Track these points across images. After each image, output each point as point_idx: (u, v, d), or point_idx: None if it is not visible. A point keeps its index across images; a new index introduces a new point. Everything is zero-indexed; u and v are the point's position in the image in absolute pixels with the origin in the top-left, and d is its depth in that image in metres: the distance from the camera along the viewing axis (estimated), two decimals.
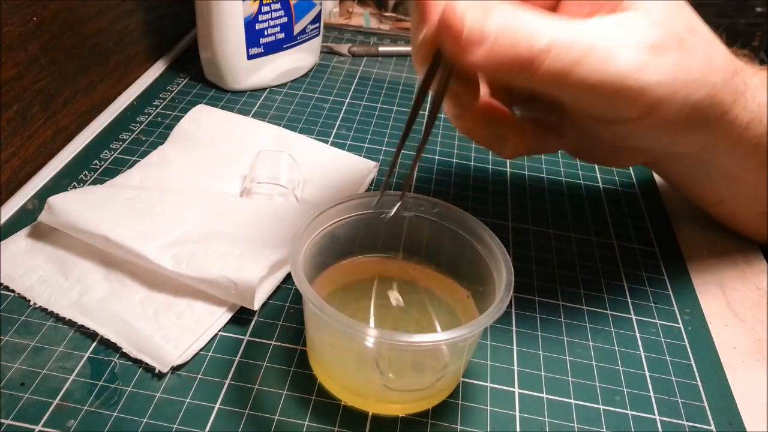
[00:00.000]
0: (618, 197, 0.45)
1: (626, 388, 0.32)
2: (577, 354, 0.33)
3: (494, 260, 0.28)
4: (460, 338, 0.25)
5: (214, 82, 0.54)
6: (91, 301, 0.32)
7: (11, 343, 0.31)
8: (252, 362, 0.31)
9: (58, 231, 0.35)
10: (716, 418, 0.31)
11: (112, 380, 0.30)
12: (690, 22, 0.28)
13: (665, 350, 0.34)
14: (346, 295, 0.32)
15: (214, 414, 0.29)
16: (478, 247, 0.30)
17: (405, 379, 0.28)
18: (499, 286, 0.27)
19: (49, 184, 0.42)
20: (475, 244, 0.30)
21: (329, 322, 0.25)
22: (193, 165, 0.42)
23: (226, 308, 0.33)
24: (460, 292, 0.32)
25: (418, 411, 0.29)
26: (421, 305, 0.32)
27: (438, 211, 0.31)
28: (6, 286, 0.33)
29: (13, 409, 0.28)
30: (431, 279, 0.33)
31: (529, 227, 0.42)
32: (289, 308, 0.34)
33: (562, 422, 0.30)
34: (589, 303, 0.36)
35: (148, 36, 0.56)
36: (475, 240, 0.30)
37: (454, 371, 0.29)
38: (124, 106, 0.50)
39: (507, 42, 0.22)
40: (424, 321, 0.31)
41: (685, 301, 0.37)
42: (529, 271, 0.38)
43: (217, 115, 0.47)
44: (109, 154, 0.45)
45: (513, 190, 0.45)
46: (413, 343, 0.25)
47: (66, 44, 0.45)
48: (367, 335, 0.25)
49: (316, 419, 0.29)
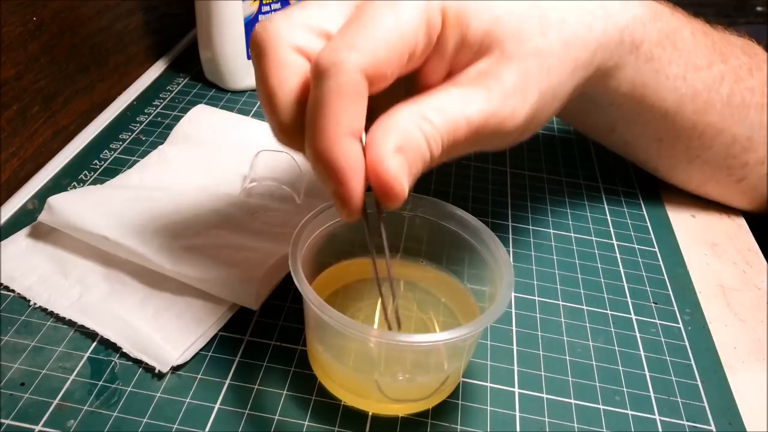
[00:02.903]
0: (618, 197, 0.45)
1: (626, 388, 0.32)
2: (577, 354, 0.33)
3: (495, 260, 0.28)
4: (459, 338, 0.25)
5: (214, 82, 0.54)
6: (91, 301, 0.32)
7: (11, 343, 0.31)
8: (252, 362, 0.31)
9: (58, 231, 0.35)
10: (716, 418, 0.31)
11: (112, 380, 0.30)
12: (540, 16, 0.28)
13: (665, 350, 0.34)
14: (347, 295, 0.32)
15: (214, 414, 0.29)
16: (479, 247, 0.30)
17: (404, 383, 0.28)
18: (499, 285, 0.27)
19: (49, 184, 0.42)
20: (475, 244, 0.30)
21: (329, 322, 0.25)
22: (192, 165, 0.42)
23: (226, 308, 0.33)
24: (461, 292, 0.32)
25: (418, 411, 0.29)
26: (420, 305, 0.32)
27: (438, 210, 0.31)
28: (6, 286, 0.33)
29: (13, 409, 0.28)
30: (431, 279, 0.33)
31: (528, 227, 0.42)
32: (289, 308, 0.34)
33: (562, 422, 0.30)
34: (589, 303, 0.36)
35: (148, 36, 0.56)
36: (476, 240, 0.30)
37: (455, 372, 0.29)
38: (124, 106, 0.50)
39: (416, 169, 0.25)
40: (424, 321, 0.31)
41: (685, 301, 0.37)
42: (529, 271, 0.38)
43: (217, 115, 0.47)
44: (109, 154, 0.45)
45: (513, 190, 0.45)
46: (412, 343, 0.25)
47: (66, 44, 0.45)
48: (367, 335, 0.25)
49: (316, 419, 0.29)
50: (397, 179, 0.23)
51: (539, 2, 0.28)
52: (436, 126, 0.25)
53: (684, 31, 0.36)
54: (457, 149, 0.27)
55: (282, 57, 0.24)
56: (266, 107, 0.25)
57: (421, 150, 0.25)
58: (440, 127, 0.25)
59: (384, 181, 0.23)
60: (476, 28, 0.26)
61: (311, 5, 0.26)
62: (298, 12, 0.26)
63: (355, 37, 0.23)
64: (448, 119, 0.25)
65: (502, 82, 0.27)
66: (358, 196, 0.23)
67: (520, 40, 0.27)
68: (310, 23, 0.25)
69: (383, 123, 0.24)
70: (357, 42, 0.23)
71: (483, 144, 0.28)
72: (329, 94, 0.23)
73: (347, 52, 0.23)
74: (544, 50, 0.28)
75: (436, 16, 0.25)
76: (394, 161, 0.23)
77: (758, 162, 0.40)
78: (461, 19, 0.26)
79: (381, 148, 0.23)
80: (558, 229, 0.42)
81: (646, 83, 0.35)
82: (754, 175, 0.41)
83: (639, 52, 0.34)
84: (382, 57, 0.23)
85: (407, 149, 0.24)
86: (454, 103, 0.26)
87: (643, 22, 0.33)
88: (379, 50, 0.23)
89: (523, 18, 0.27)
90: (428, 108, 0.25)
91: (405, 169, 0.24)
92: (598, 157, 0.49)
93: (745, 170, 0.41)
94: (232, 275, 0.32)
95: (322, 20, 0.25)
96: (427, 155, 0.25)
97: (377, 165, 0.23)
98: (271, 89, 0.25)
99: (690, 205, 0.44)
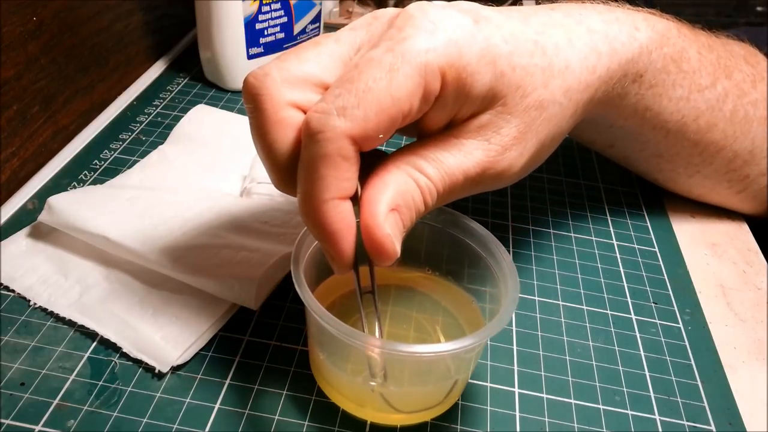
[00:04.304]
0: (618, 197, 0.45)
1: (626, 388, 0.32)
2: (577, 354, 0.33)
3: (499, 267, 0.28)
4: (462, 349, 0.24)
5: (214, 82, 0.54)
6: (91, 301, 0.32)
7: (11, 343, 0.31)
8: (252, 362, 0.31)
9: (58, 231, 0.35)
10: (716, 418, 0.31)
11: (112, 380, 0.30)
12: (544, 66, 0.27)
13: (665, 350, 0.34)
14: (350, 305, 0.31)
15: (214, 414, 0.29)
16: (483, 254, 0.30)
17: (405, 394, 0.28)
18: (504, 295, 0.27)
19: (49, 184, 0.42)
20: (479, 251, 0.30)
21: (330, 330, 0.24)
22: (193, 165, 0.42)
23: (226, 308, 0.33)
24: (464, 299, 0.31)
25: (418, 422, 0.29)
26: (422, 313, 0.31)
27: (444, 217, 0.31)
28: (6, 286, 0.33)
29: (13, 409, 0.28)
30: (434, 286, 0.32)
31: (529, 227, 0.42)
32: (289, 308, 0.34)
33: (562, 422, 0.30)
34: (589, 303, 0.36)
35: (148, 36, 0.56)
36: (481, 248, 0.30)
37: (457, 384, 0.29)
38: (124, 106, 0.50)
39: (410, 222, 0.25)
40: (427, 329, 0.31)
41: (685, 301, 0.37)
42: (529, 271, 0.38)
43: (217, 115, 0.47)
44: (109, 154, 0.45)
45: (513, 190, 0.45)
46: (414, 353, 0.24)
47: (66, 44, 0.45)
48: (368, 344, 0.25)
49: (316, 419, 0.29)
50: (389, 241, 0.24)
51: (544, 46, 0.28)
52: (432, 178, 0.25)
53: (690, 50, 0.35)
54: (454, 196, 0.27)
55: (278, 115, 0.24)
56: (264, 161, 0.26)
57: (416, 203, 0.25)
58: (436, 180, 0.25)
59: (377, 244, 0.24)
60: (479, 86, 0.25)
61: (306, 52, 0.25)
62: (293, 62, 0.25)
63: (345, 101, 0.23)
64: (445, 172, 0.25)
65: (501, 135, 0.26)
66: (348, 255, 0.24)
67: (523, 94, 0.27)
68: (306, 75, 0.25)
69: (378, 182, 0.24)
70: (347, 107, 0.23)
71: (480, 190, 0.28)
72: (316, 160, 0.23)
73: (336, 119, 0.22)
74: (546, 101, 0.27)
75: (434, 80, 0.24)
76: (387, 223, 0.24)
77: (760, 174, 0.40)
78: (462, 79, 0.25)
79: (374, 208, 0.24)
80: (558, 229, 0.42)
81: (648, 107, 0.35)
82: (755, 186, 0.41)
83: (642, 80, 0.33)
84: (372, 123, 0.23)
85: (401, 207, 0.24)
86: (452, 156, 0.26)
87: (650, 50, 0.33)
88: (369, 117, 0.23)
89: (527, 71, 0.27)
90: (425, 160, 0.25)
91: (398, 228, 0.24)
92: (598, 158, 0.49)
93: (745, 182, 0.41)
94: (232, 275, 0.32)
95: (318, 70, 0.25)
96: (422, 207, 0.25)
97: (370, 228, 0.23)
98: (268, 146, 0.25)
99: (690, 206, 0.44)
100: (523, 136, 0.27)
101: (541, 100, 0.27)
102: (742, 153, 0.39)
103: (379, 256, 0.24)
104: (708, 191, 0.43)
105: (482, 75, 0.25)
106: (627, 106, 0.34)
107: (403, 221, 0.25)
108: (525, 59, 0.27)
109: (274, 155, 0.25)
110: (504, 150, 0.27)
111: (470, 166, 0.26)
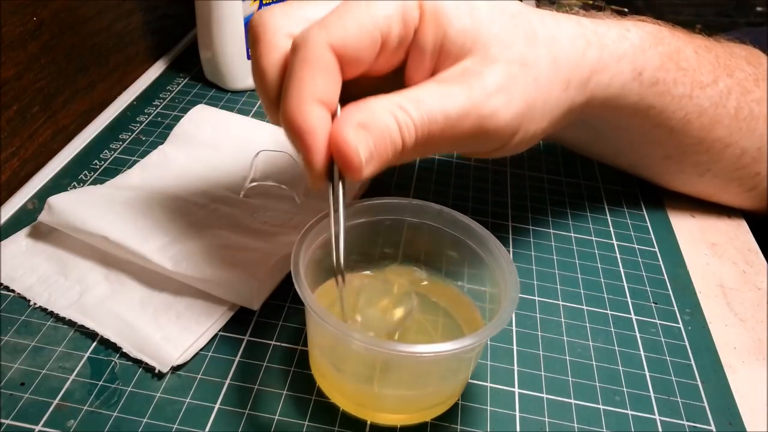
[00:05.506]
0: (618, 197, 0.45)
1: (626, 388, 0.32)
2: (577, 354, 0.33)
3: (499, 267, 0.28)
4: (462, 349, 0.24)
5: (214, 82, 0.54)
6: (91, 301, 0.32)
7: (11, 343, 0.31)
8: (252, 362, 0.31)
9: (58, 231, 0.35)
10: (716, 418, 0.31)
11: (112, 380, 0.30)
12: (527, 31, 0.28)
13: (665, 350, 0.34)
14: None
15: (214, 414, 0.29)
16: (483, 254, 0.30)
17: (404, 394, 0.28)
18: (504, 295, 0.27)
19: (49, 184, 0.42)
20: (479, 251, 0.30)
21: (330, 329, 0.24)
22: (193, 165, 0.42)
23: (226, 308, 0.33)
24: (464, 299, 0.31)
25: (417, 422, 0.29)
26: (422, 314, 0.31)
27: (444, 217, 0.31)
28: (6, 286, 0.33)
29: (13, 409, 0.28)
30: (434, 286, 0.32)
31: (529, 227, 0.42)
32: (289, 308, 0.34)
33: (562, 422, 0.30)
34: (589, 303, 0.36)
35: (148, 36, 0.56)
36: (481, 248, 0.30)
37: (456, 385, 0.29)
38: (124, 106, 0.50)
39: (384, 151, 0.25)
40: (427, 330, 0.31)
41: (685, 301, 0.37)
42: (529, 271, 0.38)
43: (217, 115, 0.47)
44: (109, 154, 0.45)
45: (513, 190, 0.45)
46: (414, 353, 0.24)
47: (66, 44, 0.45)
48: (367, 344, 0.25)
49: (316, 419, 0.29)
50: (354, 149, 0.24)
51: (528, 18, 0.29)
52: (410, 115, 0.25)
53: (686, 50, 0.36)
54: (436, 144, 0.27)
55: (274, 41, 0.26)
56: (257, 85, 0.27)
57: (390, 133, 0.25)
58: (415, 117, 0.26)
59: (341, 150, 0.24)
60: (457, 26, 0.27)
61: (307, 2, 0.28)
62: (294, 6, 0.28)
63: (328, 18, 0.25)
64: (424, 110, 0.26)
65: (483, 80, 0.27)
66: (321, 160, 0.25)
67: (503, 44, 0.27)
68: (305, 16, 0.27)
69: (356, 103, 0.25)
70: (329, 20, 0.25)
71: (466, 144, 0.28)
72: (296, 64, 0.25)
73: (317, 29, 0.25)
74: (530, 60, 0.28)
75: (412, 9, 0.26)
76: (354, 133, 0.24)
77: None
78: (439, 15, 0.26)
79: (344, 119, 0.24)
80: (558, 229, 0.42)
81: (652, 105, 0.35)
82: (766, 184, 0.41)
83: (642, 78, 0.34)
84: (351, 35, 0.25)
85: (372, 128, 0.25)
86: (432, 96, 0.26)
87: (643, 48, 0.33)
88: (348, 29, 0.25)
89: (507, 28, 0.28)
90: (405, 98, 0.26)
91: (366, 144, 0.24)
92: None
93: (756, 179, 0.41)
94: (232, 275, 0.32)
95: (316, 14, 0.27)
96: (399, 141, 0.25)
97: (336, 133, 0.24)
98: (261, 69, 0.27)
99: (690, 205, 0.44)
100: (506, 87, 0.27)
101: (524, 56, 0.28)
102: (751, 150, 0.39)
103: (344, 164, 0.24)
104: (719, 190, 0.43)
105: (460, 16, 0.27)
106: (630, 105, 0.35)
107: (375, 144, 0.25)
108: (506, 19, 0.28)
109: (266, 78, 0.26)
110: (487, 96, 0.27)
111: (450, 108, 0.26)
